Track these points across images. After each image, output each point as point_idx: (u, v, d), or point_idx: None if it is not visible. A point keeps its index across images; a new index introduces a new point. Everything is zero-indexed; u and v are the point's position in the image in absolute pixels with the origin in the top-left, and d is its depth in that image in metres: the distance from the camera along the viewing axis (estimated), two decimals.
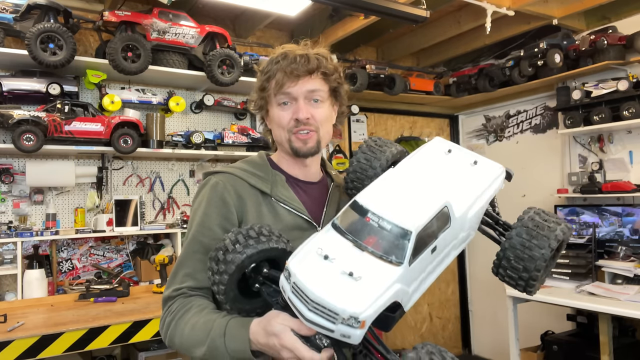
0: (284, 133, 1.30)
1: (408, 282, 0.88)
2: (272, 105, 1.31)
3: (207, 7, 3.71)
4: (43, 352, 2.34)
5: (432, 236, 0.90)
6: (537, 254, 0.98)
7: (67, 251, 3.36)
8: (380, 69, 4.40)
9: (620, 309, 2.98)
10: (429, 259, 0.91)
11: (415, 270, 0.88)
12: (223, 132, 3.70)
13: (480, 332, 5.42)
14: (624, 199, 3.93)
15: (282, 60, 1.26)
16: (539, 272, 0.98)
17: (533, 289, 1.03)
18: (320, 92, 1.29)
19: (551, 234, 0.99)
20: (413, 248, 0.86)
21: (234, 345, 1.06)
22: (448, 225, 0.93)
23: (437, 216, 0.90)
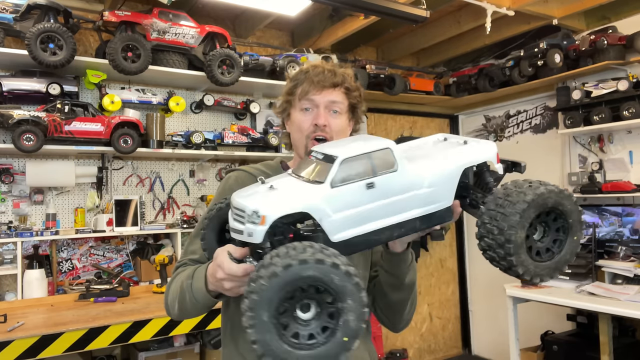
0: (302, 137, 1.39)
1: (330, 204, 0.92)
2: (295, 109, 1.42)
3: (207, 7, 3.71)
4: (43, 352, 2.35)
5: (369, 172, 0.94)
6: (504, 223, 0.92)
7: (67, 251, 3.36)
8: (380, 69, 4.41)
9: (620, 309, 2.98)
10: (364, 195, 0.94)
11: (342, 196, 0.92)
12: (223, 132, 3.70)
13: (480, 332, 5.42)
14: (624, 199, 3.93)
15: (311, 71, 1.40)
16: (510, 244, 0.92)
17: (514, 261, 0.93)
18: (340, 104, 1.40)
19: (520, 197, 0.94)
20: (337, 172, 0.92)
21: (197, 284, 1.18)
22: (393, 169, 0.96)
23: (375, 155, 0.96)
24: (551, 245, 1.00)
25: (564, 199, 0.97)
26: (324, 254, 0.81)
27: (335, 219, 0.93)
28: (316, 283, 0.82)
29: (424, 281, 5.26)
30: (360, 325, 0.83)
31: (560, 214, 0.98)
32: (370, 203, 0.95)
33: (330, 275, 0.82)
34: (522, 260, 0.94)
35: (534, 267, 0.96)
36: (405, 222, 1.00)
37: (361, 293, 0.83)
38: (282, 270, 0.79)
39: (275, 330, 0.81)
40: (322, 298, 0.84)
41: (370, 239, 0.98)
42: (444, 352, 5.37)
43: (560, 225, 0.99)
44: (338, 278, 0.82)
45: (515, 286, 3.66)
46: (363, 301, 0.83)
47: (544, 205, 0.95)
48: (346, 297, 0.82)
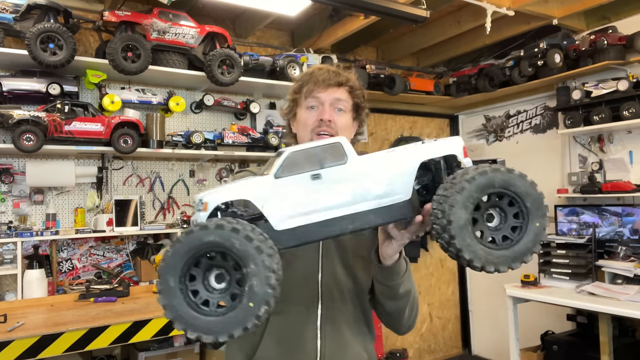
0: (307, 133, 1.42)
1: (274, 193, 0.95)
2: (301, 108, 1.46)
3: (207, 7, 3.71)
4: (43, 352, 2.34)
5: (315, 164, 0.97)
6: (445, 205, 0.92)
7: (67, 251, 3.36)
8: (380, 69, 4.41)
9: (620, 309, 2.98)
10: (310, 185, 0.97)
11: (286, 186, 0.96)
12: (223, 132, 3.70)
13: (480, 332, 5.42)
14: (624, 199, 3.93)
15: (316, 71, 1.45)
16: (451, 225, 0.90)
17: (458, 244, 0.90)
18: (345, 102, 1.44)
19: (462, 177, 0.93)
20: (282, 165, 0.96)
21: None
22: (342, 162, 0.98)
23: (323, 148, 0.99)
24: (509, 233, 0.96)
25: (514, 179, 0.94)
26: (228, 222, 0.85)
27: (277, 207, 0.95)
28: (219, 248, 0.85)
29: (424, 281, 5.26)
30: (266, 290, 0.83)
31: (514, 197, 0.95)
32: (316, 193, 0.97)
33: (231, 240, 0.84)
34: (467, 244, 0.91)
35: (484, 253, 0.92)
36: (357, 214, 0.99)
37: (263, 256, 0.84)
38: (185, 236, 0.84)
39: (182, 296, 0.85)
40: (229, 266, 0.86)
41: (319, 230, 0.98)
42: (444, 352, 5.37)
43: (518, 211, 0.95)
44: (239, 242, 0.84)
45: (515, 286, 3.66)
46: (267, 265, 0.84)
47: (489, 185, 0.93)
48: (249, 262, 0.84)
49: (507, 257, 0.94)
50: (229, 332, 0.84)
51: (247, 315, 0.84)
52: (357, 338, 1.40)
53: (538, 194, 0.95)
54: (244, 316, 0.84)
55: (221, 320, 0.85)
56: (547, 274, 3.72)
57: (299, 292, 1.35)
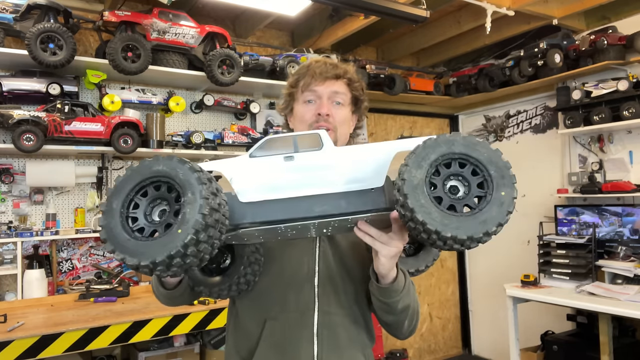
0: (305, 127, 1.38)
1: (245, 170, 1.00)
2: (298, 102, 1.43)
3: (207, 7, 3.71)
4: (43, 352, 2.34)
5: (290, 147, 1.01)
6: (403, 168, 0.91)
7: (67, 251, 3.36)
8: (380, 69, 4.40)
9: (620, 309, 2.98)
10: (281, 165, 1.00)
11: (258, 165, 1.01)
12: (223, 132, 3.70)
13: (480, 332, 5.42)
14: (624, 199, 3.93)
15: (313, 64, 1.41)
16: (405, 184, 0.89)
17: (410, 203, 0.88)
18: (343, 95, 1.41)
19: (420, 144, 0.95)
20: (259, 147, 1.02)
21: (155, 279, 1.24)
22: (317, 149, 1.01)
23: (302, 137, 1.03)
24: (472, 203, 0.92)
25: (475, 145, 0.93)
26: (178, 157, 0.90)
27: (246, 181, 0.99)
28: (164, 178, 0.90)
29: (424, 281, 5.26)
30: (196, 218, 0.84)
31: (477, 166, 0.92)
32: (286, 172, 1.00)
33: (176, 170, 0.88)
34: (421, 204, 0.88)
35: (440, 216, 0.88)
36: (325, 196, 0.99)
37: (202, 186, 0.86)
38: (138, 165, 0.92)
39: (120, 219, 0.89)
40: (171, 197, 0.90)
41: (286, 208, 0.98)
42: (444, 352, 5.37)
43: (482, 180, 0.92)
44: (182, 172, 0.88)
45: (515, 286, 3.67)
46: (203, 194, 0.86)
47: (447, 149, 0.92)
48: (187, 191, 0.86)
49: (468, 225, 0.88)
50: (153, 256, 0.84)
51: (173, 240, 0.84)
52: (354, 343, 1.35)
53: (503, 162, 0.92)
54: (170, 241, 0.84)
55: (148, 244, 0.86)
56: (547, 274, 3.72)
57: (294, 297, 1.31)
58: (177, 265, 0.85)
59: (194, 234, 0.83)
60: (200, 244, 0.85)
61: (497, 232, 0.90)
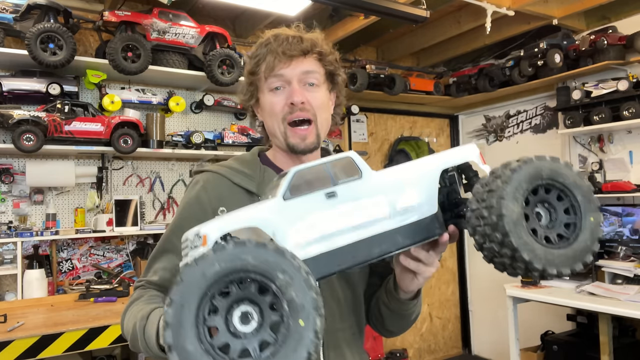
0: (278, 123, 1.17)
1: (285, 217, 0.81)
2: (263, 92, 1.19)
3: (207, 7, 3.71)
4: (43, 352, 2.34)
5: (328, 182, 0.85)
6: (492, 199, 0.79)
7: (67, 251, 3.36)
8: (380, 69, 4.40)
9: (620, 309, 2.98)
10: (325, 205, 0.83)
11: (297, 208, 0.82)
12: (223, 132, 3.70)
13: (480, 332, 5.42)
14: (624, 199, 3.93)
15: (273, 42, 1.16)
16: (502, 219, 0.78)
17: (514, 242, 0.77)
18: (316, 74, 1.18)
19: (506, 170, 0.82)
20: (290, 185, 0.83)
21: (149, 330, 0.98)
22: (356, 177, 0.87)
23: (334, 164, 0.86)
24: (564, 231, 0.84)
25: (561, 169, 0.84)
26: (265, 240, 0.70)
27: (291, 235, 0.81)
28: (227, 277, 0.67)
29: None
30: (311, 296, 0.68)
31: (563, 190, 0.84)
32: (333, 215, 0.84)
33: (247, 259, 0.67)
34: (524, 241, 0.78)
35: (543, 252, 0.79)
36: (382, 235, 0.87)
37: (292, 260, 0.69)
38: (212, 252, 0.67)
39: (195, 332, 0.65)
40: (253, 292, 0.69)
41: (343, 258, 0.84)
42: (444, 352, 5.37)
43: (569, 205, 0.85)
44: (253, 256, 0.68)
45: (515, 286, 3.66)
46: (295, 265, 0.69)
47: (537, 176, 0.82)
48: (275, 273, 0.68)
49: (568, 257, 0.81)
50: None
51: (303, 339, 0.67)
52: (356, 357, 1.23)
53: (587, 185, 0.85)
54: (300, 342, 0.67)
55: None
56: None
57: None
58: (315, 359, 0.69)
59: (319, 314, 0.68)
60: (324, 319, 0.70)
61: (590, 260, 0.84)
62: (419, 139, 5.19)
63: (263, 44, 1.18)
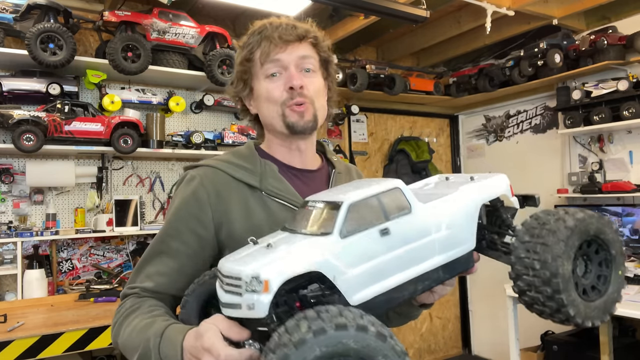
0: (276, 107, 1.14)
1: (343, 258, 0.76)
2: (259, 80, 1.16)
3: (207, 7, 3.71)
4: (43, 352, 2.34)
5: (380, 217, 0.80)
6: (547, 255, 0.79)
7: (67, 251, 3.36)
8: (380, 69, 4.40)
9: (621, 309, 2.97)
10: (380, 243, 0.79)
11: (355, 247, 0.77)
12: (223, 132, 3.70)
13: (480, 332, 5.42)
14: (624, 199, 3.93)
15: (268, 27, 1.15)
16: (557, 277, 0.78)
17: (565, 300, 0.79)
18: (312, 59, 1.17)
19: (559, 224, 0.80)
20: (345, 220, 0.77)
21: (167, 350, 0.92)
22: (406, 212, 0.83)
23: (384, 196, 0.82)
24: (596, 282, 0.87)
25: (605, 226, 0.86)
26: (365, 320, 0.65)
27: (351, 276, 0.76)
28: (356, 358, 0.63)
29: None
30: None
31: (601, 244, 0.87)
32: (388, 253, 0.80)
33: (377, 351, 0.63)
34: (572, 299, 0.80)
35: (584, 307, 0.81)
36: (429, 273, 0.86)
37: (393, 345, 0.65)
38: (312, 336, 0.61)
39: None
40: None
41: (392, 296, 0.82)
42: (444, 352, 5.37)
43: (603, 259, 0.87)
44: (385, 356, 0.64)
45: None
46: (398, 349, 0.65)
47: (586, 233, 0.83)
48: None
49: (599, 309, 0.84)
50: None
51: None
52: None
53: (621, 240, 0.89)
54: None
55: None
56: None
57: None
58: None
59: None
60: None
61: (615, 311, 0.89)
62: (419, 139, 5.19)
63: (256, 31, 1.17)
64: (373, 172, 4.99)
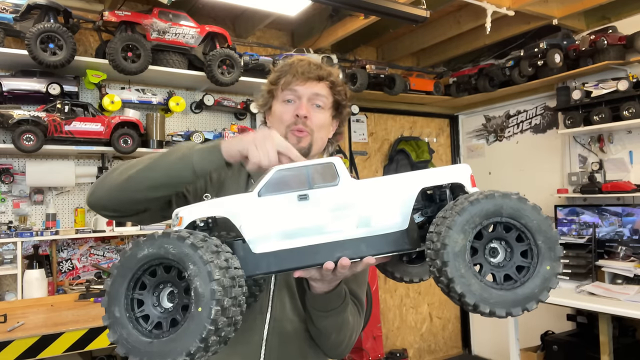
0: (282, 128, 1.33)
1: (254, 213, 0.89)
2: (277, 101, 1.37)
3: (207, 7, 3.71)
4: (43, 352, 2.34)
5: (305, 183, 0.91)
6: (441, 227, 0.82)
7: (67, 251, 3.36)
8: (380, 69, 4.40)
9: (620, 309, 2.98)
10: (295, 206, 0.90)
11: (269, 206, 0.89)
12: (223, 132, 3.70)
13: (480, 332, 5.42)
14: (624, 199, 3.93)
15: (296, 63, 1.35)
16: (445, 249, 0.80)
17: (449, 272, 0.79)
18: (324, 98, 1.35)
19: (479, 194, 0.83)
20: (267, 183, 0.90)
21: (204, 146, 1.11)
22: (333, 183, 0.91)
23: (314, 168, 0.92)
24: (514, 273, 0.84)
25: (526, 210, 0.83)
26: (189, 235, 0.80)
27: (257, 227, 0.88)
28: (154, 261, 0.80)
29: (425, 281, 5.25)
30: (211, 287, 0.75)
31: (524, 232, 0.84)
32: (302, 216, 0.89)
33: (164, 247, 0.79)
34: (460, 274, 0.79)
35: (480, 288, 0.80)
36: (346, 242, 0.91)
37: (200, 252, 0.77)
38: (121, 259, 0.81)
39: (130, 325, 0.78)
40: (173, 276, 0.81)
41: (303, 256, 0.90)
42: (444, 352, 5.37)
43: (527, 248, 0.85)
44: (171, 246, 0.79)
45: None
46: (205, 259, 0.76)
47: (495, 212, 0.82)
48: (187, 264, 0.77)
49: (507, 299, 0.82)
50: (186, 348, 0.74)
51: (198, 322, 0.74)
52: (306, 356, 1.31)
53: (553, 232, 0.85)
54: (196, 325, 0.74)
55: (174, 338, 0.75)
56: None
57: (240, 340, 1.21)
58: (215, 342, 0.76)
59: (217, 305, 0.75)
60: (227, 311, 0.76)
61: (533, 308, 0.84)
62: (419, 139, 5.19)
63: (288, 63, 1.37)
64: (373, 172, 5.00)
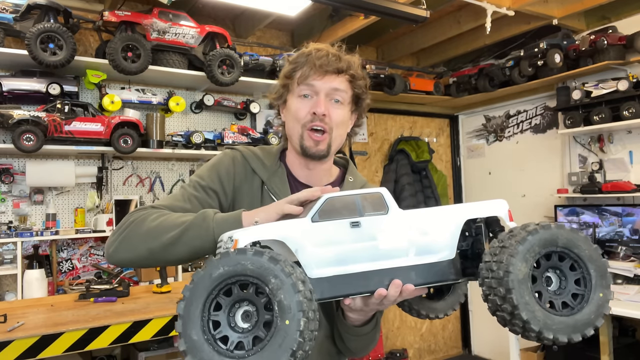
0: (298, 127, 1.26)
1: (309, 238, 0.91)
2: (293, 95, 1.29)
3: (207, 7, 3.71)
4: (43, 352, 2.34)
5: (355, 211, 0.94)
6: (503, 255, 0.85)
7: (67, 251, 3.36)
8: (380, 69, 4.40)
9: (620, 309, 2.98)
10: (348, 233, 0.93)
11: (323, 232, 0.92)
12: (223, 132, 3.70)
13: (480, 332, 5.42)
14: (624, 199, 3.93)
15: (314, 53, 1.26)
16: (509, 276, 0.83)
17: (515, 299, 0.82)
18: (343, 93, 1.27)
19: (522, 231, 0.87)
20: (320, 209, 0.93)
21: (225, 216, 1.09)
22: (383, 212, 0.95)
23: (364, 196, 0.96)
24: (570, 300, 0.88)
25: (578, 240, 0.87)
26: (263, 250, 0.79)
27: (313, 253, 0.90)
28: (231, 279, 0.78)
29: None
30: (297, 299, 0.76)
31: (577, 260, 0.88)
32: (354, 243, 0.92)
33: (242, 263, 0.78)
34: (525, 301, 0.82)
35: (543, 315, 0.83)
36: (396, 269, 0.94)
37: (280, 265, 0.77)
38: (196, 279, 0.79)
39: (210, 349, 0.76)
40: (251, 293, 0.80)
41: (355, 283, 0.93)
42: (444, 352, 5.37)
43: (580, 277, 0.89)
44: (250, 262, 0.78)
45: None
46: (286, 271, 0.77)
47: (552, 242, 0.87)
48: (268, 277, 0.77)
49: (568, 325, 0.84)
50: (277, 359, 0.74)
51: (287, 335, 0.75)
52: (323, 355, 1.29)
53: (603, 261, 0.88)
54: (284, 338, 0.75)
55: (261, 356, 0.75)
56: None
57: None
58: (301, 356, 0.76)
59: (304, 316, 0.75)
60: (312, 323, 0.77)
61: (589, 334, 0.87)
62: (419, 139, 5.19)
63: (304, 53, 1.28)
64: (373, 172, 5.00)
